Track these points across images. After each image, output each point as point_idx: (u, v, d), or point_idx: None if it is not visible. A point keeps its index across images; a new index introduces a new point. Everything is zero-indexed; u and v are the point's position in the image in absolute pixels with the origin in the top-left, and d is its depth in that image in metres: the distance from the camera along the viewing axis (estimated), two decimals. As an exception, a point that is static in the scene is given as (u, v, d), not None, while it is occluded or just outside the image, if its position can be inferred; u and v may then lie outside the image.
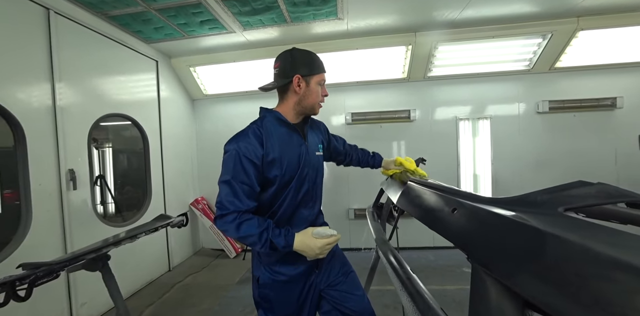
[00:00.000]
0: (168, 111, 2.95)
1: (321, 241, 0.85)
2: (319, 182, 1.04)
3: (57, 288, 1.76)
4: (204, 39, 2.59)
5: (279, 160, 0.90)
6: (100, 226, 2.09)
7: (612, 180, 2.89)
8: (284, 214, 0.95)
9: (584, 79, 2.89)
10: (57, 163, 1.80)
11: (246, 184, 0.86)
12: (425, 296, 0.59)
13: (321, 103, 1.00)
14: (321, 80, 0.97)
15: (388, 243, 0.94)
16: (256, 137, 0.89)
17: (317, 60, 0.97)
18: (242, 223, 0.84)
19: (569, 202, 0.47)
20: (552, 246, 0.37)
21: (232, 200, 0.85)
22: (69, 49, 1.90)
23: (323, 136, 1.13)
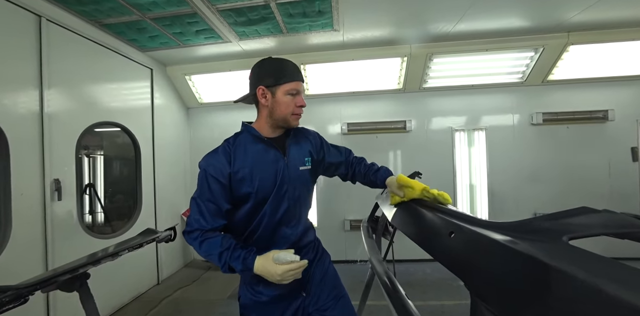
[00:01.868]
0: (162, 119, 2.91)
1: (281, 268, 0.77)
2: (304, 199, 0.96)
3: (35, 308, 1.65)
4: (199, 48, 2.59)
5: (249, 178, 0.86)
6: (86, 238, 2.00)
7: (606, 192, 2.89)
8: (264, 232, 0.90)
9: (576, 91, 2.94)
10: (42, 172, 1.73)
11: (212, 202, 0.86)
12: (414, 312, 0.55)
13: (296, 114, 0.91)
14: (291, 90, 0.89)
15: (383, 264, 0.89)
16: (225, 154, 0.88)
17: (287, 68, 0.90)
18: (203, 241, 0.84)
19: (574, 230, 0.44)
20: (559, 283, 0.34)
21: (198, 218, 0.86)
22: (61, 56, 1.87)
23: (313, 148, 1.01)
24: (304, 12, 2.03)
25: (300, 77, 0.91)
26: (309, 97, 3.18)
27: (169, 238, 1.37)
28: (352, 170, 1.07)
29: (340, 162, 1.07)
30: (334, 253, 3.51)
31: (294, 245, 0.93)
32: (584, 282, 0.31)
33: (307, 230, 0.99)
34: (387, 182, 0.95)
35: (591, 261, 0.35)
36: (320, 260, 1.02)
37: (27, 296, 0.75)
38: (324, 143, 1.06)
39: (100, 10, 1.89)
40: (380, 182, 0.99)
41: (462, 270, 0.48)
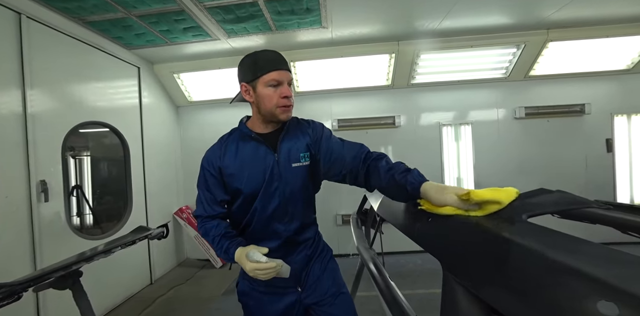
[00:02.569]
0: (151, 118, 2.87)
1: (249, 265, 0.78)
2: (298, 197, 0.93)
3: (24, 308, 1.64)
4: (187, 46, 2.56)
5: (238, 174, 0.89)
6: (75, 240, 1.98)
7: (582, 182, 3.04)
8: (257, 226, 0.92)
9: (555, 86, 3.05)
10: (27, 174, 1.70)
11: (208, 191, 0.92)
12: (402, 303, 0.59)
13: (282, 106, 0.85)
14: (271, 81, 0.84)
15: (369, 251, 0.94)
16: (217, 150, 0.93)
17: (262, 59, 0.86)
18: (202, 226, 0.93)
19: (532, 209, 0.49)
20: (515, 254, 0.39)
21: (199, 205, 0.94)
22: (43, 55, 1.83)
23: (311, 142, 0.92)
24: (292, 10, 2.04)
25: (281, 66, 0.86)
26: (299, 94, 3.20)
27: (162, 235, 1.39)
28: (366, 166, 0.82)
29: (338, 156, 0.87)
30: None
31: (287, 241, 0.93)
32: (535, 252, 0.36)
33: (304, 227, 0.98)
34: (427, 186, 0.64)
35: (542, 234, 0.40)
36: (320, 256, 1.02)
37: (20, 293, 0.76)
38: (324, 135, 0.93)
39: (83, 8, 1.85)
40: (411, 185, 0.67)
41: (437, 249, 0.52)
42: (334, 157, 0.88)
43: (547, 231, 0.41)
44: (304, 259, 0.97)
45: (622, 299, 0.26)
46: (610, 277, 0.28)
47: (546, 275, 0.34)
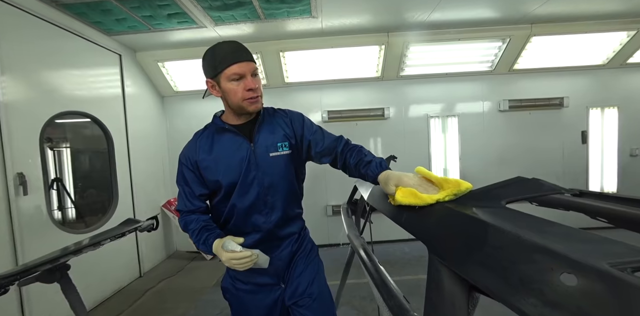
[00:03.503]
0: (135, 109, 2.77)
1: (225, 255, 0.78)
2: (278, 187, 0.91)
3: (6, 304, 1.60)
4: (172, 33, 2.46)
5: (213, 166, 0.89)
6: (58, 234, 1.92)
7: (559, 171, 3.21)
8: (237, 219, 0.92)
9: (537, 80, 3.17)
10: (3, 166, 1.62)
11: (187, 186, 0.93)
12: (391, 286, 0.63)
13: (248, 99, 0.84)
14: (232, 75, 0.82)
15: (359, 238, 0.97)
16: (193, 144, 0.94)
17: (220, 53, 0.83)
18: (182, 221, 0.94)
19: (510, 195, 0.54)
20: (494, 236, 0.42)
21: (179, 200, 0.96)
22: (14, 39, 1.71)
23: (289, 130, 0.93)
24: (281, -3, 1.99)
25: (240, 58, 0.82)
26: (289, 85, 3.16)
27: (152, 227, 1.37)
28: (342, 160, 0.91)
29: (325, 147, 0.92)
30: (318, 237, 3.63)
31: (269, 235, 0.92)
32: (510, 233, 0.39)
33: (287, 220, 0.96)
34: (380, 178, 0.75)
35: (517, 217, 0.44)
36: (303, 253, 1.00)
37: (7, 286, 0.74)
38: (305, 124, 0.95)
39: (57, -12, 1.73)
40: (371, 178, 0.80)
41: (423, 234, 0.55)
42: (317, 151, 0.93)
43: (521, 215, 0.45)
44: (288, 256, 0.96)
45: (579, 271, 0.29)
46: (571, 252, 0.31)
47: (518, 253, 0.37)
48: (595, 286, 0.28)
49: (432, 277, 0.51)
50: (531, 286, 0.33)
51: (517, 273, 0.36)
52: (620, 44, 2.95)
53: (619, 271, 0.28)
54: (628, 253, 0.32)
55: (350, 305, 2.04)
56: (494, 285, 0.38)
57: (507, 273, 0.37)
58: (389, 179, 0.70)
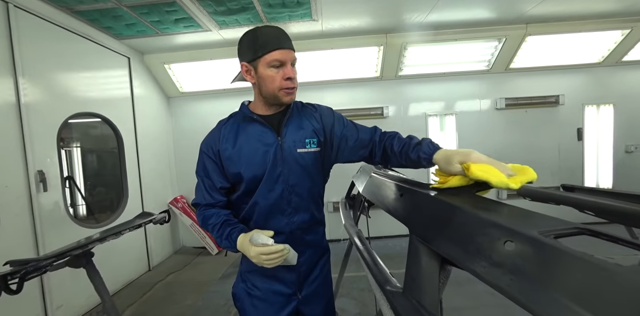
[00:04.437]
0: (143, 109, 2.88)
1: (254, 250, 0.72)
2: (302, 186, 0.85)
3: (30, 292, 1.72)
4: (178, 37, 2.56)
5: (236, 157, 0.83)
6: (74, 228, 2.04)
7: (555, 168, 3.28)
8: (258, 219, 0.85)
9: (533, 78, 3.23)
10: (25, 164, 1.74)
11: (207, 178, 0.86)
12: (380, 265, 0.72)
13: (285, 88, 0.80)
14: (273, 61, 0.77)
15: (354, 227, 1.06)
16: (218, 132, 0.87)
17: (263, 37, 0.77)
18: (200, 215, 0.87)
19: (479, 184, 0.63)
20: (460, 216, 0.52)
21: (199, 193, 0.88)
22: (32, 44, 1.83)
23: (318, 126, 0.87)
24: (284, 3, 2.08)
25: (284, 44, 0.78)
26: (291, 85, 3.26)
27: (164, 220, 1.48)
28: (382, 148, 0.84)
29: (360, 140, 0.87)
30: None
31: (291, 239, 0.84)
32: (470, 213, 0.49)
33: (311, 224, 0.89)
34: (437, 157, 0.68)
35: (480, 202, 0.53)
36: (325, 264, 0.95)
37: (46, 267, 0.85)
38: (336, 119, 0.90)
39: (72, -3, 1.84)
40: (425, 160, 0.72)
41: (408, 218, 0.65)
42: (352, 144, 0.87)
43: (485, 200, 0.54)
44: (308, 262, 0.90)
45: (517, 239, 0.39)
46: (512, 225, 0.41)
47: (475, 228, 0.47)
48: (527, 249, 0.38)
49: (411, 253, 0.61)
50: (483, 253, 0.43)
51: (475, 244, 0.45)
52: (615, 43, 3.01)
53: (545, 237, 0.38)
54: (554, 225, 0.42)
55: (349, 296, 2.14)
56: (458, 255, 0.48)
57: (468, 244, 0.47)
58: (451, 156, 0.62)
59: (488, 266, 0.41)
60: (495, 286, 0.39)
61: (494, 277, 0.40)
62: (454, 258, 0.49)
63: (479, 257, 0.43)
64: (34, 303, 1.73)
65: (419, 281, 0.59)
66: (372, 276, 0.71)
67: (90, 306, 2.10)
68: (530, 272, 0.36)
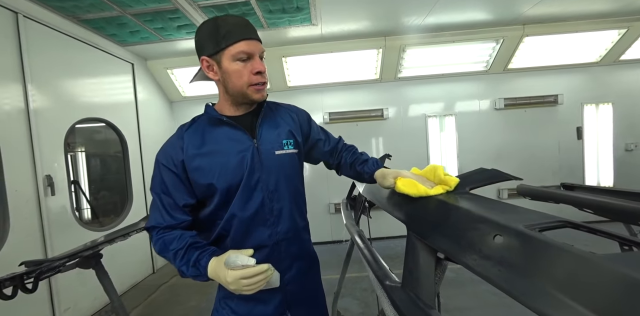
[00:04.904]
0: (146, 113, 2.93)
1: (231, 274, 0.60)
2: (282, 191, 0.76)
3: (39, 295, 1.75)
4: (180, 42, 2.62)
5: (207, 166, 0.71)
6: (81, 231, 2.08)
7: (555, 166, 3.30)
8: (236, 234, 0.73)
9: (532, 78, 3.26)
10: (34, 168, 1.78)
11: (167, 195, 0.72)
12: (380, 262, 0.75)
13: (255, 84, 0.70)
14: (239, 53, 0.67)
15: (355, 226, 1.09)
16: (178, 140, 0.74)
17: (225, 27, 0.67)
18: (158, 240, 0.71)
19: (472, 183, 0.66)
20: (455, 213, 0.55)
21: (154, 214, 0.73)
22: (40, 52, 1.88)
23: (295, 127, 0.81)
24: (283, 8, 2.13)
25: (250, 34, 0.69)
26: (292, 89, 3.30)
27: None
28: (339, 158, 0.89)
29: (324, 151, 0.90)
30: (321, 235, 3.72)
31: (276, 252, 0.75)
32: (463, 209, 0.52)
33: (296, 233, 0.79)
34: (376, 174, 0.79)
35: (473, 199, 0.57)
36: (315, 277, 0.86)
37: (59, 267, 0.88)
38: (311, 123, 0.88)
39: (79, 7, 1.89)
40: (367, 174, 0.82)
41: (405, 216, 0.68)
42: (324, 151, 0.90)
43: (477, 197, 0.57)
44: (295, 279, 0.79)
45: (505, 233, 0.42)
46: (501, 220, 0.44)
47: (467, 223, 0.50)
48: (513, 242, 0.41)
49: (409, 249, 0.64)
50: (474, 247, 0.46)
51: (466, 238, 0.48)
52: (612, 42, 3.04)
53: (530, 230, 0.41)
54: (539, 219, 0.45)
55: (352, 296, 2.16)
56: (452, 249, 0.51)
57: (460, 239, 0.50)
58: (386, 174, 0.75)
59: (478, 259, 0.44)
60: (485, 276, 0.42)
61: (484, 269, 0.43)
62: (447, 253, 0.52)
63: (470, 251, 0.46)
64: (42, 306, 1.76)
65: (417, 275, 0.62)
66: (372, 272, 0.74)
67: (97, 309, 2.13)
68: (516, 263, 0.39)
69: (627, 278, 0.28)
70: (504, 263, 0.40)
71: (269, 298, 0.75)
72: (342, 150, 0.91)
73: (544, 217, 0.45)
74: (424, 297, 0.59)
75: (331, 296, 1.71)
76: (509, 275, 0.39)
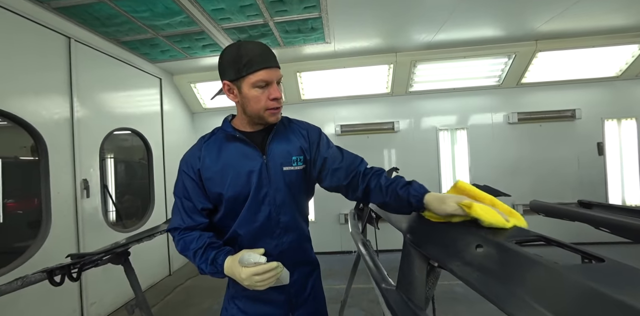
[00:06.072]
0: (170, 124, 3.17)
1: (245, 271, 0.67)
2: (288, 205, 0.81)
3: (72, 288, 1.92)
4: (204, 59, 2.85)
5: (218, 177, 0.78)
6: (108, 231, 2.26)
7: (575, 182, 3.19)
8: (243, 243, 0.80)
9: (547, 93, 3.23)
10: (73, 173, 1.99)
11: (187, 199, 0.80)
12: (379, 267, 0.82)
13: (271, 109, 0.77)
14: (258, 82, 0.74)
15: (360, 234, 1.16)
16: (197, 150, 0.83)
17: (248, 55, 0.72)
18: (179, 240, 0.79)
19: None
20: (444, 225, 0.62)
21: (175, 216, 0.81)
22: (85, 69, 2.14)
23: (305, 144, 0.84)
24: (299, 29, 2.30)
25: (270, 63, 0.74)
26: (305, 102, 3.46)
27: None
28: (366, 182, 0.79)
29: (334, 165, 0.82)
30: (331, 245, 3.74)
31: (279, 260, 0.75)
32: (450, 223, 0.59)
33: (300, 243, 0.85)
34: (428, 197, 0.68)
35: None
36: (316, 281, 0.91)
37: (98, 261, 1.01)
38: (322, 140, 0.87)
39: (120, 31, 2.15)
40: (414, 197, 0.70)
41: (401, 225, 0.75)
42: (333, 168, 0.82)
43: None
44: (298, 283, 0.85)
45: (486, 243, 0.49)
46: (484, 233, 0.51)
47: (454, 234, 0.57)
48: (492, 251, 0.48)
49: (404, 255, 0.71)
50: (458, 255, 0.53)
51: (453, 247, 0.56)
52: (632, 56, 2.97)
53: (507, 242, 0.48)
54: (519, 234, 0.51)
55: (358, 306, 2.18)
56: (440, 256, 0.58)
57: (447, 248, 0.57)
58: (444, 198, 0.65)
59: (461, 265, 0.51)
60: (465, 280, 0.49)
61: (465, 273, 0.50)
62: (436, 259, 0.59)
63: (455, 258, 0.53)
64: (72, 299, 1.93)
65: (410, 279, 0.69)
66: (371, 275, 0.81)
67: (118, 305, 2.27)
68: (493, 269, 0.45)
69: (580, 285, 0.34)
70: (482, 269, 0.47)
71: (274, 299, 0.81)
72: (369, 172, 0.80)
73: (522, 232, 0.52)
74: (415, 299, 0.66)
75: (338, 304, 1.76)
76: (486, 279, 0.45)
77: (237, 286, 0.79)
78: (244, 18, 2.08)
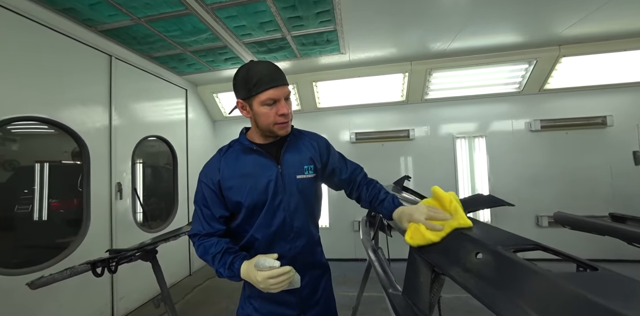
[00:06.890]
0: (194, 131, 3.38)
1: (261, 275, 0.73)
2: (301, 211, 0.89)
3: (105, 283, 2.09)
4: (225, 71, 3.04)
5: (237, 187, 0.85)
6: (137, 231, 2.44)
7: (608, 194, 2.99)
8: (259, 247, 0.87)
9: (573, 99, 3.08)
10: (110, 176, 2.19)
11: (206, 207, 0.87)
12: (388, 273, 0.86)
13: (279, 123, 0.84)
14: (266, 100, 0.81)
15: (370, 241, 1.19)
16: (216, 162, 0.89)
17: (256, 77, 0.80)
18: (200, 245, 0.85)
19: (471, 206, 0.76)
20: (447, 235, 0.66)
21: (196, 223, 0.88)
22: (123, 82, 2.37)
23: (315, 154, 0.93)
24: (315, 41, 2.41)
25: (276, 82, 0.81)
26: (321, 110, 3.55)
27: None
28: (358, 193, 0.96)
29: (342, 176, 0.97)
30: (345, 252, 3.73)
31: (292, 263, 0.82)
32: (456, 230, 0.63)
33: (312, 246, 0.92)
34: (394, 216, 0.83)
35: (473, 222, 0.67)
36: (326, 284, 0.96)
37: (131, 257, 1.13)
38: (330, 151, 0.98)
39: (153, 48, 2.37)
40: (386, 216, 0.87)
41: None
42: (340, 179, 0.96)
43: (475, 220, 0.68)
44: (309, 285, 0.91)
45: (484, 251, 0.53)
46: (482, 240, 0.55)
47: (456, 242, 0.61)
48: (490, 258, 0.52)
49: (410, 262, 0.75)
50: (459, 262, 0.57)
51: (454, 255, 0.60)
52: (668, 59, 2.80)
53: (505, 250, 0.51)
54: (516, 242, 0.55)
55: (371, 314, 2.17)
56: (443, 263, 0.62)
57: (450, 255, 0.61)
58: (402, 217, 0.78)
59: (461, 271, 0.55)
60: (464, 286, 0.52)
61: (464, 279, 0.53)
62: (439, 266, 0.63)
63: (456, 265, 0.57)
64: (105, 294, 2.10)
65: (415, 285, 0.72)
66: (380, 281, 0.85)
67: (143, 301, 2.43)
68: (490, 276, 0.49)
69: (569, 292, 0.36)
70: (480, 276, 0.51)
71: (286, 300, 0.88)
72: (361, 184, 0.96)
73: (519, 240, 0.55)
74: (419, 304, 0.69)
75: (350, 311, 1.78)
76: (483, 285, 0.49)
77: (253, 288, 0.84)
78: (263, 33, 2.22)
